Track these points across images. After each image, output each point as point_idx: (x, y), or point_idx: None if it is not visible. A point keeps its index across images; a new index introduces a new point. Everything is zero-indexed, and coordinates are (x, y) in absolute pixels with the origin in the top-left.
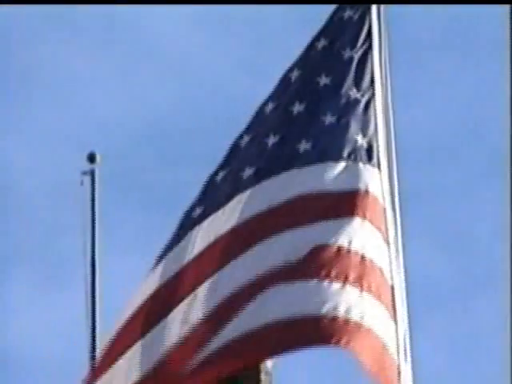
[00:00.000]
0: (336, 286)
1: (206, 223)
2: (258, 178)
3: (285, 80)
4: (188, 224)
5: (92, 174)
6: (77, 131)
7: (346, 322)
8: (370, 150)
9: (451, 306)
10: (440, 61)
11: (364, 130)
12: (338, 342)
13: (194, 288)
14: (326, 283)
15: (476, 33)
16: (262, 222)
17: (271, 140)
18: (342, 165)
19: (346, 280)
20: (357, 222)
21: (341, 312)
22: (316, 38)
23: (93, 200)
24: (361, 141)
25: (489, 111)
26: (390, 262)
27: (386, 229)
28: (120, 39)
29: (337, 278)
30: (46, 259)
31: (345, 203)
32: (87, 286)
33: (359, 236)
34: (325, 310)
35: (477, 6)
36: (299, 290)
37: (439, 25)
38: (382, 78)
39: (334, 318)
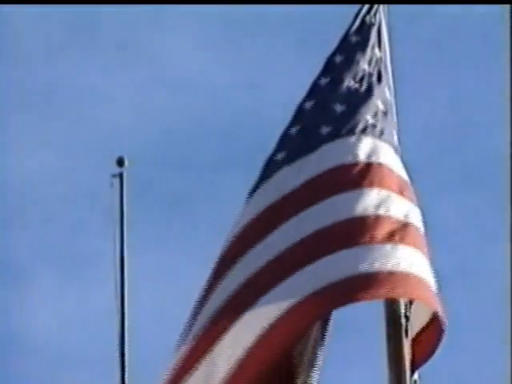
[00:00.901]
0: (384, 246)
1: (284, 172)
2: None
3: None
4: (271, 168)
5: (121, 176)
6: (104, 139)
7: (401, 274)
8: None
9: None
10: (440, 61)
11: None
12: (397, 293)
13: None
14: (373, 246)
15: (476, 33)
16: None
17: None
18: (354, 138)
19: (392, 240)
20: (384, 192)
21: (393, 266)
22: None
23: (121, 200)
24: (371, 120)
25: (489, 111)
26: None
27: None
28: (135, 58)
29: (383, 240)
30: (77, 256)
31: (369, 175)
32: (116, 281)
33: (393, 203)
34: (377, 266)
35: (477, 6)
36: (349, 255)
37: (439, 25)
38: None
39: (391, 272)
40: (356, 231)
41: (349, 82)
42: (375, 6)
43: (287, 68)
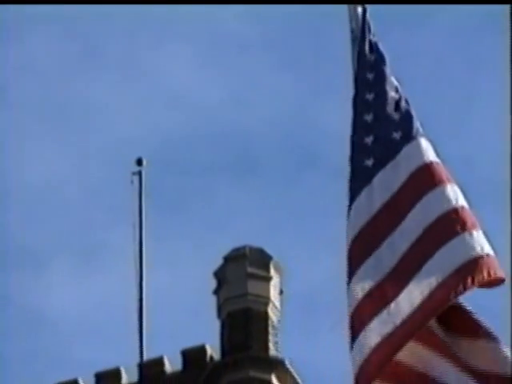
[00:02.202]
0: (471, 233)
1: (380, 176)
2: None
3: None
4: (366, 174)
5: (140, 174)
6: (114, 145)
7: (487, 256)
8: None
9: None
10: (440, 60)
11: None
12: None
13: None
14: (466, 234)
15: (476, 32)
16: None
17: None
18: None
19: (473, 227)
20: (450, 186)
21: (482, 251)
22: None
23: (140, 195)
24: (417, 122)
25: (489, 110)
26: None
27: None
28: (136, 77)
29: (469, 227)
30: (96, 244)
31: (437, 174)
32: (136, 266)
33: (458, 196)
34: (474, 253)
35: (477, 5)
36: (457, 245)
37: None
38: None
39: (481, 257)
40: (453, 224)
41: (391, 93)
42: (367, 21)
43: (269, 85)
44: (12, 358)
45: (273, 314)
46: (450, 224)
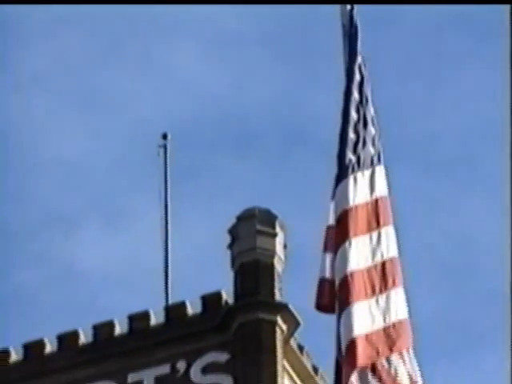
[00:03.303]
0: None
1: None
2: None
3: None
4: (343, 169)
5: (165, 147)
6: (138, 126)
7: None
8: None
9: None
10: (434, 84)
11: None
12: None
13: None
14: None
15: (476, 32)
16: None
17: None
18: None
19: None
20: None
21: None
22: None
23: (165, 166)
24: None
25: (488, 110)
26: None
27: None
28: (154, 67)
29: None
30: (124, 210)
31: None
32: (162, 225)
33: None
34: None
35: (477, 5)
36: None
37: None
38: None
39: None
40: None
41: (367, 104)
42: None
43: (264, 75)
44: (51, 307)
45: (278, 265)
46: (381, 276)
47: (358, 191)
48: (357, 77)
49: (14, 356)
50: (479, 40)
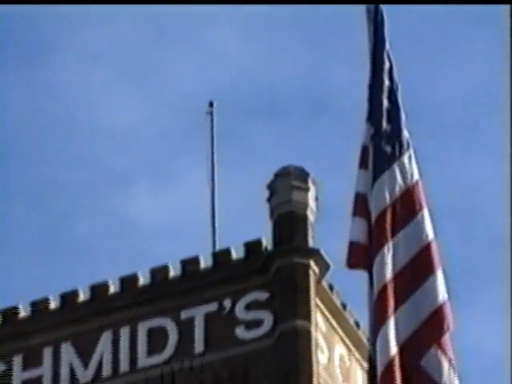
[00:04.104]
0: (437, 274)
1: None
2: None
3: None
4: (384, 159)
5: (211, 114)
6: (192, 94)
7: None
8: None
9: None
10: (440, 60)
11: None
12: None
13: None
14: (435, 275)
15: (476, 32)
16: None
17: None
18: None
19: (438, 267)
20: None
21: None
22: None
23: (212, 130)
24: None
25: (489, 109)
26: None
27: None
28: (198, 46)
29: (436, 268)
30: (178, 168)
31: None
32: (209, 182)
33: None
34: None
35: (477, 5)
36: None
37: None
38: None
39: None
40: (428, 262)
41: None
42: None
43: (292, 52)
44: (113, 254)
45: (311, 216)
46: (426, 261)
47: (396, 184)
48: (386, 64)
49: (82, 296)
50: (480, 24)
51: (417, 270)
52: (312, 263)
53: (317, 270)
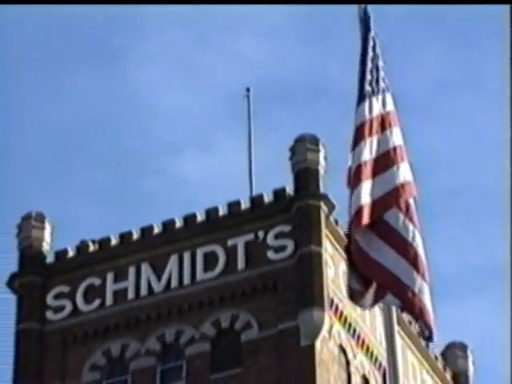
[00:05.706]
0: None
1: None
2: None
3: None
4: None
5: (248, 98)
6: (221, 85)
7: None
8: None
9: None
10: (440, 60)
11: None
12: None
13: None
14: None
15: (476, 32)
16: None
17: None
18: None
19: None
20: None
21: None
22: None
23: (249, 110)
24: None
25: (489, 108)
26: None
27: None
28: (230, 49)
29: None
30: (221, 137)
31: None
32: (247, 147)
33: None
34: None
35: (477, 5)
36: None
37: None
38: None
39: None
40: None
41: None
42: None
43: (295, 49)
44: (175, 203)
45: (322, 170)
46: (399, 154)
47: (373, 108)
48: (371, 43)
49: (156, 229)
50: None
51: (391, 159)
52: (322, 204)
53: (326, 209)
